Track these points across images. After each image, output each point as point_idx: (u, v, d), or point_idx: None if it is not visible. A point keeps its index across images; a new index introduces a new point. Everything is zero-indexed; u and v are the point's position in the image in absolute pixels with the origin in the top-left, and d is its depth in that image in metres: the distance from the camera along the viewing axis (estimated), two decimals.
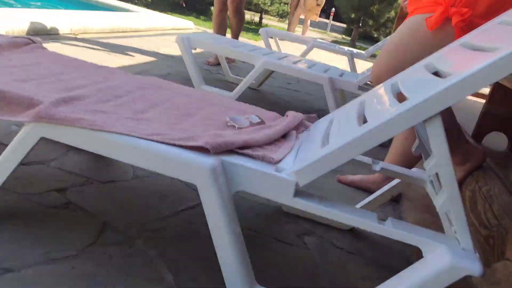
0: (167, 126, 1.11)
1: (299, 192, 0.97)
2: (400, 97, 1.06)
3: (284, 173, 0.97)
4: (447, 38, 1.42)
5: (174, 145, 0.98)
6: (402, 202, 1.73)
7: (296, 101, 3.39)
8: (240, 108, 1.45)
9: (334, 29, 18.12)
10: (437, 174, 0.92)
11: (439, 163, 0.89)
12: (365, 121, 1.06)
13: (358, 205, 1.45)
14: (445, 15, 1.42)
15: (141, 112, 1.17)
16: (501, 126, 2.43)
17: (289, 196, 0.96)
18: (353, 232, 1.44)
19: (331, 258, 1.27)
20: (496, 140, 2.48)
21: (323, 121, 1.34)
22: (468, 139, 1.87)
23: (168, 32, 5.57)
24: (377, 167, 1.26)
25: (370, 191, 1.74)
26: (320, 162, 0.94)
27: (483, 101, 2.72)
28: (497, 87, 2.37)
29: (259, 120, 1.29)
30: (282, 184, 0.96)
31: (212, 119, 1.27)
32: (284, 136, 1.24)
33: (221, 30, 3.84)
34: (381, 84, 1.32)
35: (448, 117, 1.61)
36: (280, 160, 1.05)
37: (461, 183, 1.68)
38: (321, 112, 3.16)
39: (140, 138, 0.98)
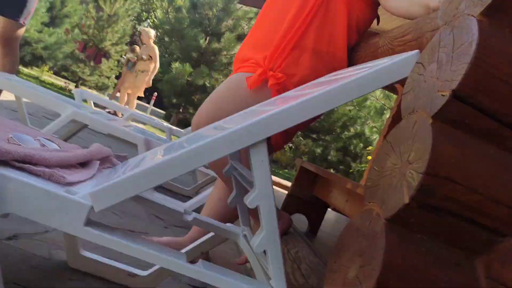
0: None
1: (91, 222, 0.76)
2: None
3: (76, 196, 0.75)
4: (264, 98, 1.45)
5: None
6: None
7: None
8: (34, 133, 1.17)
9: (154, 114, 18.36)
10: (258, 207, 0.82)
11: (262, 194, 0.80)
12: None
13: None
14: (263, 77, 1.47)
15: None
16: (304, 209, 2.58)
17: (79, 223, 0.74)
18: None
19: None
20: (298, 221, 2.61)
21: (135, 159, 1.17)
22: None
23: None
24: (190, 217, 1.12)
25: None
26: (121, 185, 0.75)
27: None
28: (303, 171, 2.55)
29: (55, 147, 1.05)
30: (72, 207, 0.74)
31: None
32: (84, 165, 1.02)
33: None
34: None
35: None
36: (73, 183, 0.83)
37: None
38: None
39: None
